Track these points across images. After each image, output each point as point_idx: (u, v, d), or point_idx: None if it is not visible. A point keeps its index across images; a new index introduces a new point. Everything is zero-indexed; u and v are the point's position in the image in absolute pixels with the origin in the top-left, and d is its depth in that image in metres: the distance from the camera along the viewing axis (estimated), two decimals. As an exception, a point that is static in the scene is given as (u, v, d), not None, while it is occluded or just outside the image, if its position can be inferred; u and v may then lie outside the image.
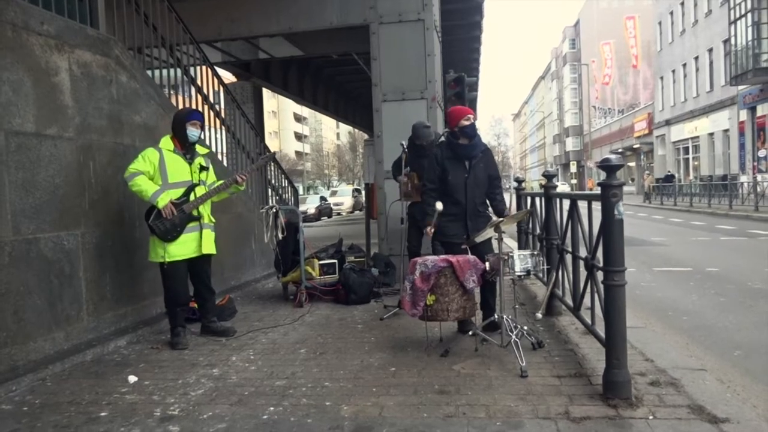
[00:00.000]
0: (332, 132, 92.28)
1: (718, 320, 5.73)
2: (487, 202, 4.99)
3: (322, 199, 35.44)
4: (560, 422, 3.10)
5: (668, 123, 36.17)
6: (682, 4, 33.67)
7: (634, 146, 44.09)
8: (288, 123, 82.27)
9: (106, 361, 4.62)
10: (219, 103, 8.41)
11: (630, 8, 54.19)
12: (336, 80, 20.69)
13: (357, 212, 36.03)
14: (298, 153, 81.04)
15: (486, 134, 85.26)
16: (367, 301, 6.52)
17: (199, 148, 5.14)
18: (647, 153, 42.17)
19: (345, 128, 74.70)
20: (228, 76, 15.66)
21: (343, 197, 39.44)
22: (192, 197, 4.93)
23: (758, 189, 20.52)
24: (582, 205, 4.42)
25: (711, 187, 24.20)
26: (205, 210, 5.06)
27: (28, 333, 4.24)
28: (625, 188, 17.03)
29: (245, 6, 8.37)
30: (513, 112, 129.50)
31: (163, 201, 4.76)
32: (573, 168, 62.96)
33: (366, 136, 36.88)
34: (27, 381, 4.02)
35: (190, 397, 3.74)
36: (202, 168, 5.09)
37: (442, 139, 5.06)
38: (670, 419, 3.06)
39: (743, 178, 24.80)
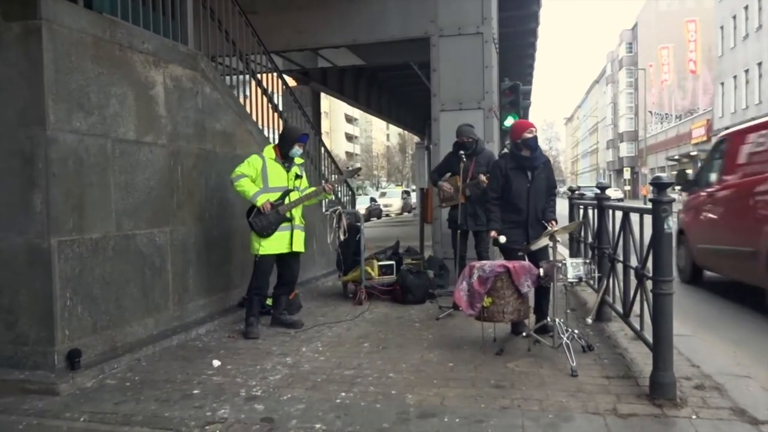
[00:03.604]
0: (382, 133, 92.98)
1: (768, 332, 5.85)
2: None
3: (372, 200, 35.92)
4: (608, 417, 3.39)
5: (728, 130, 35.21)
6: (746, 8, 32.77)
7: (692, 153, 42.98)
8: (339, 124, 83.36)
9: (189, 347, 5.13)
10: (283, 107, 8.93)
11: (691, 11, 52.81)
12: (389, 84, 21.09)
13: (406, 214, 36.39)
14: (348, 154, 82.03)
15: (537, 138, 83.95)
16: (423, 301, 6.87)
17: (296, 159, 5.69)
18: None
19: (395, 130, 75.12)
20: (288, 81, 16.27)
21: (392, 198, 39.82)
22: (287, 201, 5.49)
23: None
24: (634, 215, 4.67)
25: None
26: (297, 212, 5.62)
27: (126, 318, 4.78)
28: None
29: (311, 19, 8.84)
30: (565, 116, 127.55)
31: (262, 200, 5.38)
32: (627, 174, 61.74)
33: (417, 139, 37.21)
34: (125, 360, 4.54)
35: (269, 381, 4.18)
36: (297, 176, 5.70)
37: (506, 150, 5.37)
38: (712, 419, 3.31)
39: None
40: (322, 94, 18.76)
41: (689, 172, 11.42)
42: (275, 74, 8.31)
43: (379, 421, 3.45)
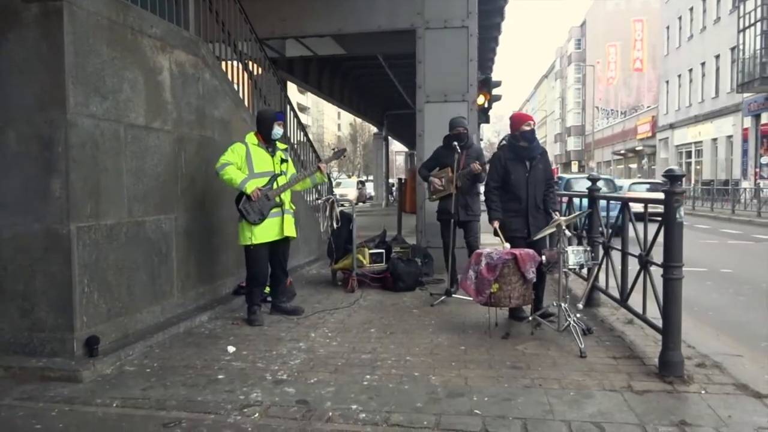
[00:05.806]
0: (333, 123, 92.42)
1: (741, 316, 6.29)
2: None
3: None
4: (625, 393, 3.63)
5: (672, 126, 36.77)
6: (691, 9, 34.19)
7: (637, 148, 44.71)
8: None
9: (196, 333, 5.13)
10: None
11: (637, 11, 54.66)
12: (351, 75, 21.13)
13: (361, 204, 36.48)
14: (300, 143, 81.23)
15: (487, 131, 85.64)
16: (413, 288, 7.01)
17: (279, 144, 5.65)
18: (650, 155, 42.80)
19: (346, 119, 74.93)
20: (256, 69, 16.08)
21: (348, 189, 39.82)
22: (275, 186, 5.44)
23: (761, 195, 21.11)
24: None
25: (714, 191, 24.79)
26: (286, 197, 5.58)
27: (136, 305, 4.75)
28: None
29: (296, 7, 8.81)
30: (514, 110, 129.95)
31: (251, 187, 5.29)
32: (574, 167, 63.59)
33: (374, 129, 37.32)
34: (139, 347, 4.52)
35: (290, 365, 4.25)
36: (283, 160, 5.63)
37: (504, 142, 5.57)
38: (719, 394, 3.60)
39: (744, 184, 25.41)
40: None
41: None
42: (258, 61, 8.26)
43: (411, 401, 3.59)
